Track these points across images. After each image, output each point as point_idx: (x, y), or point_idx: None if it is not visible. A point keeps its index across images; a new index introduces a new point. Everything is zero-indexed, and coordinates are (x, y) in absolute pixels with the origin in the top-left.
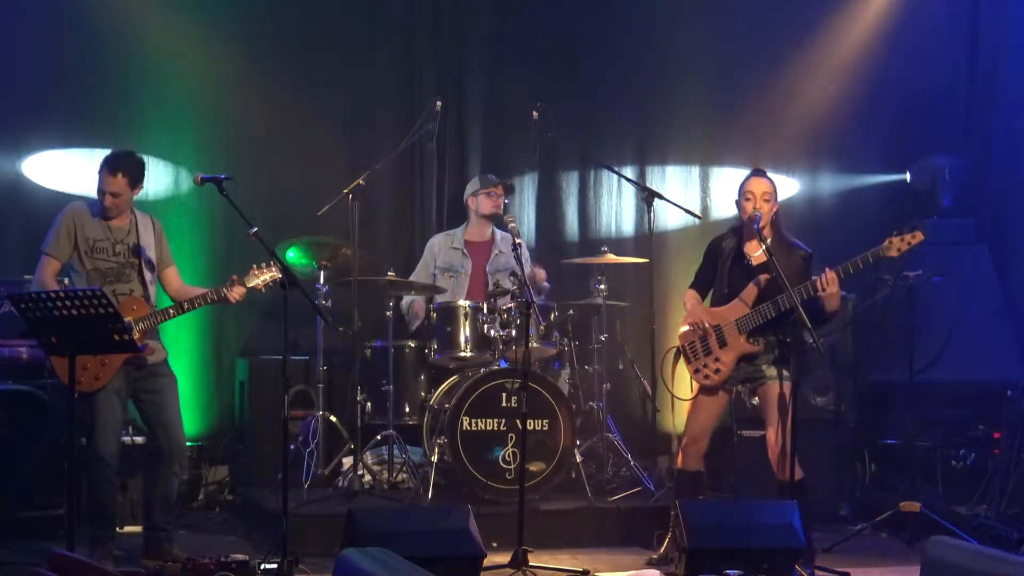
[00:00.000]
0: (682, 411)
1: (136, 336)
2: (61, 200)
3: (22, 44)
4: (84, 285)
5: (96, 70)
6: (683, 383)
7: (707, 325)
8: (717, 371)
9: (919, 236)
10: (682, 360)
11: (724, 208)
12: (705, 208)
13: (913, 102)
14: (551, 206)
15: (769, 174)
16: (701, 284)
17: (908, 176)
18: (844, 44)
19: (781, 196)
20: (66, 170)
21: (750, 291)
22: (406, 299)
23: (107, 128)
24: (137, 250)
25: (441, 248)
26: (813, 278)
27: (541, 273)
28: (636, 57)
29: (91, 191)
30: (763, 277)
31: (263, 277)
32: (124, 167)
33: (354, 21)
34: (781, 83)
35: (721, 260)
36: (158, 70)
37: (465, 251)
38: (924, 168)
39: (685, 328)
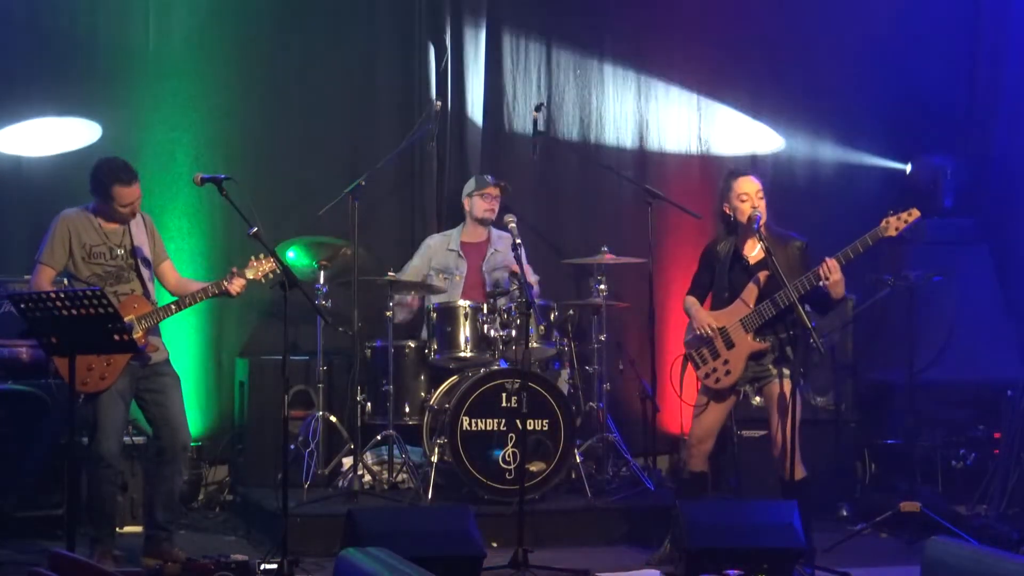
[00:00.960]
0: (685, 412)
1: (138, 334)
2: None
3: (22, 38)
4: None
5: (95, 70)
6: (690, 387)
7: (713, 329)
8: (727, 373)
9: (915, 213)
10: (690, 366)
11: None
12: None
13: (914, 101)
14: (551, 206)
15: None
16: (699, 289)
17: (908, 168)
18: (846, 34)
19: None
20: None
21: (750, 290)
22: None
23: (105, 129)
24: (134, 250)
25: (437, 250)
26: (815, 268)
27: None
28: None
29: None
30: (762, 275)
31: (262, 268)
32: (136, 176)
33: (354, 21)
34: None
35: (718, 263)
36: (157, 69)
37: (461, 253)
38: (924, 163)
39: (690, 335)
